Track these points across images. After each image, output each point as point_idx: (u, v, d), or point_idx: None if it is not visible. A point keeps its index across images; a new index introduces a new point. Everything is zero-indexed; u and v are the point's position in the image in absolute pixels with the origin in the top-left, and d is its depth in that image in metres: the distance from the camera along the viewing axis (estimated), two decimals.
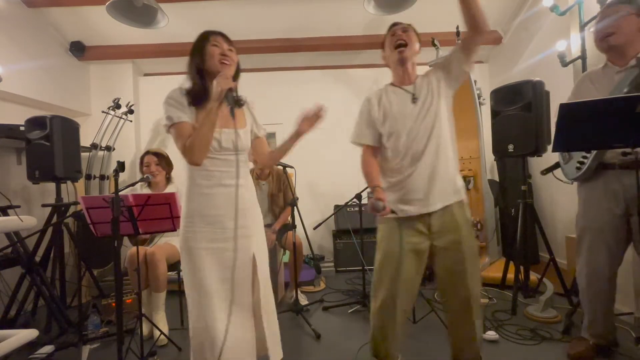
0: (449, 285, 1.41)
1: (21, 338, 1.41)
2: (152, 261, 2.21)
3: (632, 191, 1.53)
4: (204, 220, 1.31)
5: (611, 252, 1.65)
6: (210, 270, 1.30)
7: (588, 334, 1.78)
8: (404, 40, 1.41)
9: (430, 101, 1.40)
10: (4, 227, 1.92)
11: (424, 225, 1.39)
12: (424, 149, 1.37)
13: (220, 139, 1.30)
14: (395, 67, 1.47)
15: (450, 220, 1.37)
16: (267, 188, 2.87)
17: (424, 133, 1.38)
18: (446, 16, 3.32)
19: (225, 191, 1.31)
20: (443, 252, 1.38)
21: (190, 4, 3.11)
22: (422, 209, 1.37)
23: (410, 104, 1.41)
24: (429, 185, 1.36)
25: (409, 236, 1.38)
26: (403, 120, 1.41)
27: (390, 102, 1.45)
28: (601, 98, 1.51)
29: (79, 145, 2.69)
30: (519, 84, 2.40)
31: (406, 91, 1.45)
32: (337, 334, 2.21)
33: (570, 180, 1.81)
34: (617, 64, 1.64)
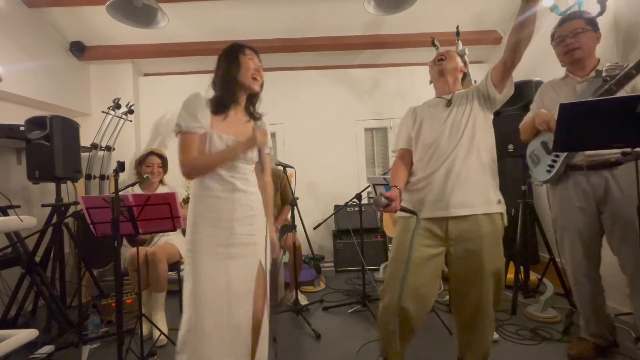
0: (459, 294, 1.41)
1: (21, 338, 1.41)
2: (152, 261, 2.21)
3: (599, 190, 1.66)
4: (211, 223, 1.30)
5: (589, 250, 1.73)
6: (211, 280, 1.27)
7: (587, 334, 1.79)
8: (444, 56, 1.54)
9: (464, 107, 1.42)
10: (4, 227, 1.92)
11: (440, 230, 1.35)
12: (451, 151, 1.36)
13: None
14: (437, 79, 1.55)
15: (473, 229, 1.32)
16: None
17: (453, 135, 1.38)
18: (446, 16, 3.33)
19: (236, 196, 1.32)
20: (457, 260, 1.35)
21: (190, 4, 3.11)
22: (438, 212, 1.34)
23: (444, 108, 1.46)
24: (451, 188, 1.33)
25: (422, 238, 1.34)
26: (431, 121, 1.46)
27: (428, 108, 1.52)
28: (601, 98, 1.53)
29: (79, 145, 2.69)
30: (519, 84, 2.40)
31: (443, 98, 1.51)
32: (337, 334, 2.21)
33: (539, 182, 1.88)
34: (577, 75, 1.76)
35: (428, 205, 1.37)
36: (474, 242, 1.32)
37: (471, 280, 1.35)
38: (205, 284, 1.26)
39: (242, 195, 1.33)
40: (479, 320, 1.39)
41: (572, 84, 1.78)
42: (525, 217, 2.41)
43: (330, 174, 4.02)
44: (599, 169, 1.66)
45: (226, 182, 1.31)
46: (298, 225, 2.57)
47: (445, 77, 1.52)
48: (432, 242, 1.36)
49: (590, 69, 1.73)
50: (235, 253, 1.31)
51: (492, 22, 3.57)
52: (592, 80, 1.69)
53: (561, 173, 1.76)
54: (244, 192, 1.34)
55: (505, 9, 3.39)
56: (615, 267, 1.72)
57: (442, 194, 1.34)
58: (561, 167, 1.74)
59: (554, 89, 1.84)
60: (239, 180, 1.33)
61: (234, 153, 1.26)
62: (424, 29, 3.46)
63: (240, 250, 1.31)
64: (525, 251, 2.42)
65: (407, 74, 4.04)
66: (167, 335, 2.13)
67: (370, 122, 4.16)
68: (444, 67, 1.52)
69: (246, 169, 1.36)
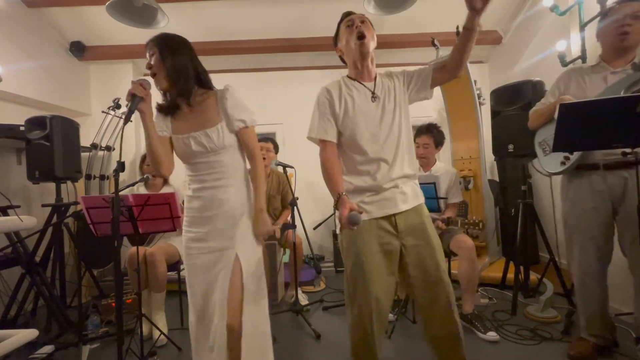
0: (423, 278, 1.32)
1: (21, 338, 1.41)
2: (151, 261, 2.21)
3: (617, 190, 1.59)
4: (193, 221, 1.36)
5: (600, 252, 1.69)
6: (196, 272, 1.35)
7: (587, 334, 1.78)
8: (363, 30, 1.32)
9: (394, 104, 1.36)
10: (4, 227, 1.92)
11: (390, 225, 1.34)
12: (388, 151, 1.33)
13: (190, 144, 1.32)
14: (355, 61, 1.38)
15: (416, 217, 1.36)
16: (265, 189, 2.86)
17: (392, 136, 1.34)
18: (446, 16, 3.32)
19: (207, 193, 1.33)
20: (414, 248, 1.33)
21: (190, 4, 3.11)
22: (388, 210, 1.34)
23: (370, 102, 1.35)
24: (397, 188, 1.34)
25: (377, 237, 1.33)
26: (365, 118, 1.34)
27: (352, 97, 1.36)
28: (601, 98, 1.52)
29: (79, 145, 2.69)
30: (519, 84, 2.40)
31: (366, 87, 1.37)
32: (337, 334, 2.21)
33: (548, 172, 1.83)
34: (612, 65, 1.65)
35: (378, 205, 1.34)
36: (421, 227, 1.35)
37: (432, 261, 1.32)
38: (188, 278, 1.36)
39: (217, 191, 1.33)
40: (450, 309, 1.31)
41: (603, 73, 1.65)
42: (525, 217, 2.40)
43: None
44: (617, 169, 1.60)
45: (196, 180, 1.35)
46: (298, 225, 2.57)
47: (366, 61, 1.36)
48: (387, 239, 1.34)
49: (629, 61, 1.61)
50: (214, 247, 1.32)
51: (492, 22, 3.57)
52: (629, 73, 1.58)
53: (573, 168, 1.71)
54: (218, 188, 1.33)
55: (505, 9, 3.39)
56: (616, 267, 1.72)
57: (390, 194, 1.33)
58: (575, 163, 1.68)
59: (582, 76, 1.71)
60: (211, 176, 1.34)
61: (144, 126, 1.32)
62: (424, 29, 3.46)
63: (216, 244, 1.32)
64: (525, 251, 2.42)
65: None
66: (167, 335, 2.13)
67: None
68: (366, 48, 1.32)
69: (216, 162, 1.33)
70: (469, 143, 3.21)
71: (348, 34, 1.36)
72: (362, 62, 1.37)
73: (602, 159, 1.63)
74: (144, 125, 1.28)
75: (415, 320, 2.26)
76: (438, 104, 3.87)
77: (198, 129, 1.31)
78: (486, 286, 2.78)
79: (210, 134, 1.31)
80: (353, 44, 1.34)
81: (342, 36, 1.40)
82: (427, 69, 1.39)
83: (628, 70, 1.60)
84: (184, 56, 1.31)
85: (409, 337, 2.10)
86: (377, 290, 1.30)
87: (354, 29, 1.34)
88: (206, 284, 1.32)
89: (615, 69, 1.64)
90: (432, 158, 2.50)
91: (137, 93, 1.23)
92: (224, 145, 1.32)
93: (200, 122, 1.33)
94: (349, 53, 1.38)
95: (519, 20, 3.35)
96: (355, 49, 1.34)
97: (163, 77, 1.29)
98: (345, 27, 1.39)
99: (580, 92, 1.69)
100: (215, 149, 1.31)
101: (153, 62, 1.29)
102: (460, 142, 3.36)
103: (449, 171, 2.46)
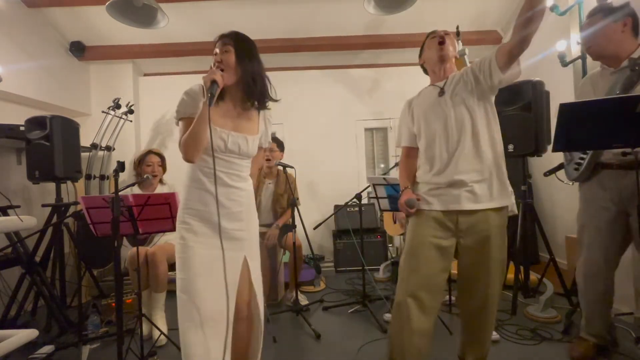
0: (469, 285, 1.41)
1: (21, 338, 1.41)
2: (152, 261, 2.21)
3: (629, 190, 1.57)
4: (199, 214, 1.31)
5: (608, 251, 1.67)
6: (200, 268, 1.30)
7: (586, 334, 1.78)
8: (444, 38, 1.44)
9: (459, 93, 1.37)
10: (4, 227, 1.92)
11: (451, 222, 1.36)
12: (457, 144, 1.34)
13: (227, 140, 1.31)
14: (434, 65, 1.47)
15: (482, 221, 1.33)
16: (273, 187, 2.87)
17: (455, 128, 1.35)
18: (446, 16, 3.33)
19: (223, 191, 1.31)
20: (468, 250, 1.37)
21: (190, 4, 3.11)
22: (449, 205, 1.35)
23: (437, 97, 1.42)
24: (466, 186, 1.33)
25: (433, 230, 1.36)
26: (429, 113, 1.42)
27: (421, 101, 1.49)
28: (601, 98, 1.52)
29: (79, 145, 2.69)
30: (519, 84, 2.39)
31: (436, 86, 1.46)
32: (337, 334, 2.21)
33: (570, 181, 1.83)
34: (611, 66, 1.68)
35: (439, 199, 1.37)
36: (483, 233, 1.34)
37: (479, 269, 1.36)
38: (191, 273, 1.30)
39: (229, 190, 1.33)
40: (484, 313, 1.41)
41: (606, 75, 1.69)
42: (525, 217, 2.40)
43: (330, 174, 4.02)
44: (630, 168, 1.58)
45: (210, 174, 1.30)
46: (298, 225, 2.57)
47: (445, 64, 1.46)
48: (443, 234, 1.37)
49: (624, 59, 1.61)
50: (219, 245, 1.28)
51: (492, 22, 3.57)
52: (622, 70, 1.60)
53: (589, 171, 1.71)
54: (231, 188, 1.33)
55: (505, 9, 3.39)
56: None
57: (454, 188, 1.34)
58: (588, 166, 1.69)
59: (592, 81, 1.76)
60: (228, 176, 1.32)
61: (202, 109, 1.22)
62: (424, 29, 3.42)
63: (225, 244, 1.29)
64: (525, 251, 2.42)
65: (407, 74, 4.03)
66: (167, 335, 2.13)
67: (370, 122, 4.16)
68: (445, 52, 1.43)
69: (239, 165, 1.36)
70: None
71: (431, 44, 1.48)
72: (441, 64, 1.46)
73: (617, 159, 1.62)
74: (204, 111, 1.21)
75: None
76: None
77: (241, 131, 1.35)
78: None
79: (249, 140, 1.36)
80: (434, 49, 1.46)
81: (426, 47, 1.53)
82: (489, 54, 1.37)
83: (623, 67, 1.60)
84: (260, 64, 1.41)
85: None
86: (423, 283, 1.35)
87: (435, 40, 1.45)
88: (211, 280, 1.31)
89: (615, 68, 1.65)
90: None
91: (218, 80, 1.23)
92: (250, 154, 1.39)
93: (244, 125, 1.37)
94: (430, 60, 1.49)
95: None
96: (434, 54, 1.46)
97: (233, 76, 1.33)
98: (430, 39, 1.51)
99: (587, 96, 1.71)
100: (244, 155, 1.36)
101: (225, 58, 1.32)
102: None
103: None
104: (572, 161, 1.79)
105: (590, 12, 1.70)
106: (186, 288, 1.32)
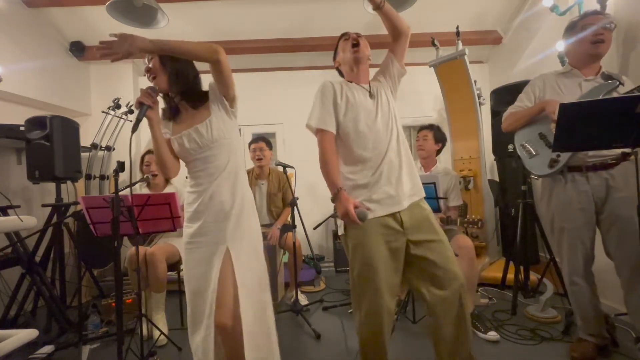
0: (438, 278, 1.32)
1: (21, 338, 1.41)
2: (152, 261, 2.21)
3: (601, 191, 1.65)
4: (191, 217, 1.38)
5: (586, 251, 1.73)
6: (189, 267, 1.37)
7: (586, 334, 1.78)
8: (358, 40, 1.48)
9: (386, 100, 1.45)
10: (4, 227, 1.92)
11: (396, 222, 1.34)
12: (391, 145, 1.38)
13: (184, 142, 1.35)
14: (350, 67, 1.51)
15: (418, 213, 1.38)
16: (266, 188, 2.87)
17: (385, 130, 1.39)
18: (446, 16, 3.33)
19: (201, 188, 1.36)
20: (423, 245, 1.33)
21: (190, 4, 3.11)
22: (392, 208, 1.34)
23: (368, 98, 1.44)
24: (397, 183, 1.36)
25: (383, 236, 1.32)
26: (365, 112, 1.40)
27: (352, 93, 1.43)
28: (601, 98, 1.53)
29: (79, 145, 2.69)
30: (519, 84, 2.40)
31: (363, 87, 1.47)
32: (337, 334, 2.21)
33: (537, 175, 1.84)
34: (584, 73, 1.73)
35: (381, 203, 1.34)
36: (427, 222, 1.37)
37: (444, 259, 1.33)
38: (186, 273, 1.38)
39: (205, 187, 1.36)
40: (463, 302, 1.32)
41: (576, 80, 1.74)
42: (525, 217, 2.40)
43: None
44: (598, 170, 1.66)
45: (195, 177, 1.38)
46: (298, 225, 2.57)
47: (360, 66, 1.49)
48: (392, 237, 1.34)
49: (597, 71, 1.72)
50: (205, 242, 1.34)
51: (492, 22, 3.57)
52: (600, 82, 1.66)
53: (559, 171, 1.74)
54: (213, 183, 1.35)
55: (505, 9, 3.39)
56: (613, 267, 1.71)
57: (392, 190, 1.35)
58: (563, 166, 1.71)
59: (556, 82, 1.79)
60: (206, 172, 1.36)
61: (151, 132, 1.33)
62: (424, 29, 3.45)
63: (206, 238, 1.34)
64: (525, 251, 2.42)
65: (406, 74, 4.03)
66: (167, 335, 2.13)
67: None
68: (361, 54, 1.47)
69: (212, 155, 1.37)
70: (469, 143, 3.21)
71: (344, 45, 1.53)
72: (357, 66, 1.49)
73: (584, 160, 1.67)
74: (152, 132, 1.31)
75: (416, 320, 2.26)
76: (438, 104, 3.87)
77: (189, 127, 1.36)
78: (486, 286, 2.78)
79: (200, 129, 1.34)
80: (349, 52, 1.49)
81: (340, 49, 1.57)
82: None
83: (599, 79, 1.68)
84: (186, 62, 1.38)
85: (409, 337, 2.10)
86: (386, 289, 1.32)
87: (349, 42, 1.50)
88: (196, 279, 1.33)
89: (587, 76, 1.72)
90: (433, 158, 2.50)
91: (145, 101, 1.27)
92: (213, 139, 1.34)
93: (192, 120, 1.37)
94: (345, 61, 1.53)
95: (519, 20, 3.35)
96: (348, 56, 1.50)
97: (164, 80, 1.35)
98: (343, 40, 1.55)
99: (557, 96, 1.74)
100: (206, 144, 1.34)
101: (152, 65, 1.34)
102: (460, 142, 3.36)
103: (448, 173, 2.46)
104: (540, 156, 1.78)
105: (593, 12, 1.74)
106: None
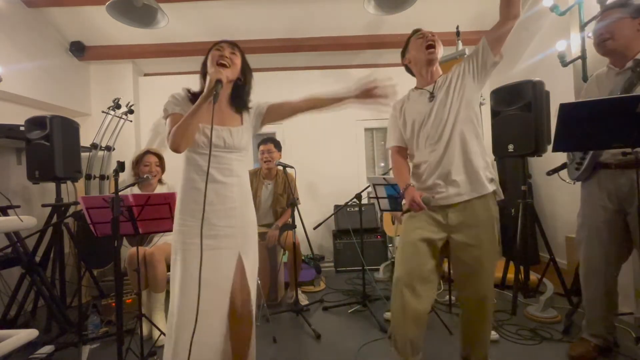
0: (466, 282, 1.43)
1: (21, 338, 1.41)
2: (151, 261, 2.21)
3: (625, 189, 1.59)
4: (192, 214, 1.30)
5: (605, 249, 1.68)
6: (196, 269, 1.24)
7: (588, 335, 1.78)
8: (433, 41, 1.46)
9: (447, 96, 1.42)
10: (4, 227, 1.92)
11: (442, 217, 1.41)
12: (442, 142, 1.40)
13: (208, 134, 1.30)
14: (422, 68, 1.51)
15: (471, 215, 1.38)
16: (272, 188, 2.88)
17: (441, 128, 1.40)
18: (446, 16, 3.33)
19: (214, 187, 1.30)
20: (461, 246, 1.39)
21: (190, 4, 3.11)
22: (440, 201, 1.39)
23: (427, 102, 1.46)
24: (447, 178, 1.39)
25: (425, 224, 1.41)
26: (420, 118, 1.46)
27: (410, 104, 1.52)
28: (601, 98, 1.52)
29: (79, 145, 2.69)
30: (519, 84, 2.39)
31: (426, 91, 1.49)
32: (337, 334, 2.21)
33: (571, 180, 1.85)
34: (617, 66, 1.67)
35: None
36: (474, 227, 1.38)
37: (475, 266, 1.38)
38: (185, 273, 1.27)
39: (220, 186, 1.32)
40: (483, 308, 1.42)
41: (612, 75, 1.68)
42: (525, 217, 2.40)
43: (330, 174, 4.02)
44: (627, 168, 1.60)
45: (204, 172, 1.27)
46: (298, 225, 2.57)
47: (432, 67, 1.50)
48: (434, 228, 1.42)
49: (630, 59, 1.60)
50: (211, 245, 1.29)
51: (492, 22, 3.52)
52: (626, 71, 1.60)
53: (589, 171, 1.72)
54: (222, 184, 1.32)
55: None
56: None
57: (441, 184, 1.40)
58: (588, 165, 1.71)
59: (597, 81, 1.76)
60: (220, 171, 1.32)
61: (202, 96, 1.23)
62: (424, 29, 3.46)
63: (216, 242, 1.30)
64: (525, 251, 2.42)
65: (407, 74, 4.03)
66: None
67: (370, 122, 4.15)
68: (435, 56, 1.46)
69: (228, 158, 1.35)
70: None
71: (418, 44, 1.50)
72: (428, 67, 1.50)
73: (615, 159, 1.63)
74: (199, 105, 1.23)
75: None
76: None
77: (224, 124, 1.36)
78: None
79: (233, 132, 1.36)
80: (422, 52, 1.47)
81: (411, 47, 1.55)
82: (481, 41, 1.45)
83: (628, 67, 1.60)
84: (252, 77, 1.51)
85: None
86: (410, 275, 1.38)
87: (423, 41, 1.48)
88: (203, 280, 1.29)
89: (620, 69, 1.65)
90: None
91: (223, 79, 1.25)
92: (239, 146, 1.37)
93: (228, 119, 1.39)
94: (417, 61, 1.52)
95: (519, 20, 3.34)
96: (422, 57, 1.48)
97: (234, 72, 1.39)
98: (416, 38, 1.53)
99: (594, 97, 1.70)
100: (230, 147, 1.35)
101: (233, 59, 1.40)
102: None
103: None
104: (574, 161, 1.81)
105: (607, 6, 1.69)
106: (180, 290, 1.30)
